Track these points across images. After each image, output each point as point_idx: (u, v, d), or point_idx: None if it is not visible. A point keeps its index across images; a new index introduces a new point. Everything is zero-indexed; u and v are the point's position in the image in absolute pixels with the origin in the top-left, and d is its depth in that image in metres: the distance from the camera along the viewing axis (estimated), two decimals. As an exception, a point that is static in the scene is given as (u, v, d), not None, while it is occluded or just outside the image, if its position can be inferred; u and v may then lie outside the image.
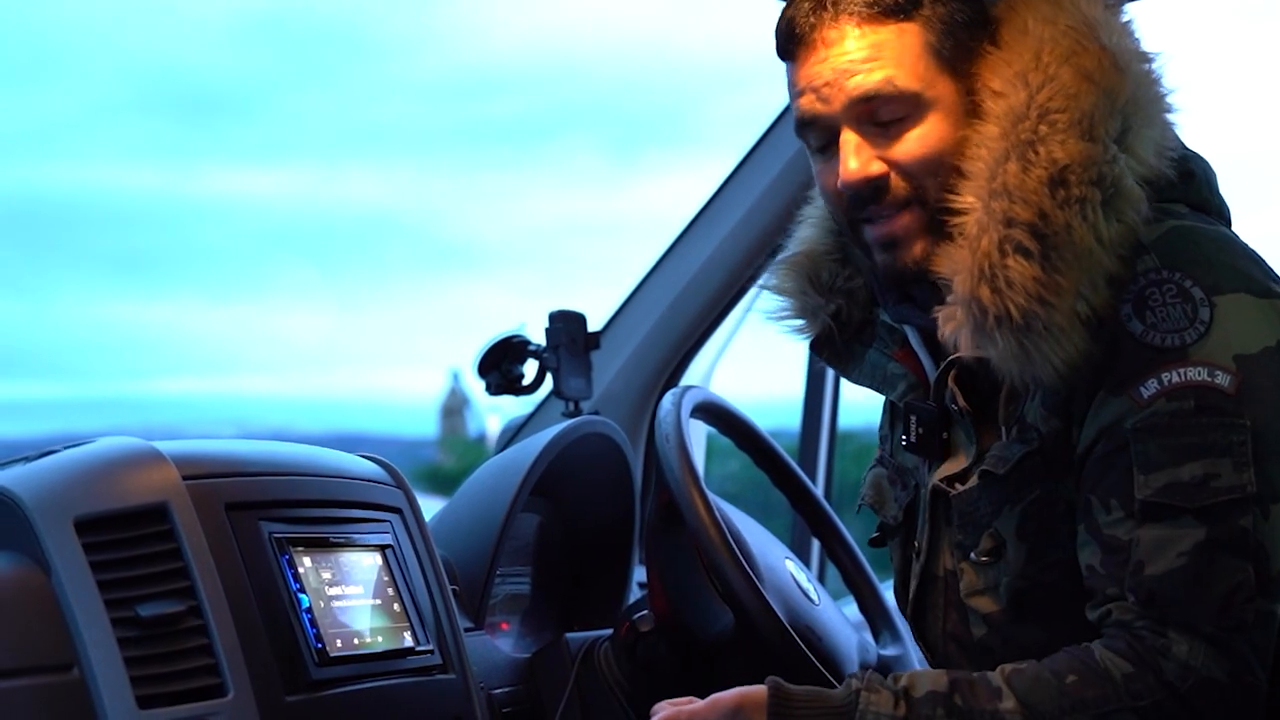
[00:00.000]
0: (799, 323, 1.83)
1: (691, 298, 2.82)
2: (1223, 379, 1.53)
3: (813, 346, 1.84)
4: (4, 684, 1.45)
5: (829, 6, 1.64)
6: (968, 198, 1.60)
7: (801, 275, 1.82)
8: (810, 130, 1.68)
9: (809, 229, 1.85)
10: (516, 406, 2.86)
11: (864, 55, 1.63)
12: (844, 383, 3.09)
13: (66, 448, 1.64)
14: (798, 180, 2.74)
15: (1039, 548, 1.63)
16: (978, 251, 1.57)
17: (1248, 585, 1.51)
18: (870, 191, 1.64)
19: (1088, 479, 1.58)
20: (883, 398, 1.85)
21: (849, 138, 1.64)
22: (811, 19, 1.65)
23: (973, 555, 1.67)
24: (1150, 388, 1.55)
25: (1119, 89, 1.59)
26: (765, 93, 1.73)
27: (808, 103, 1.66)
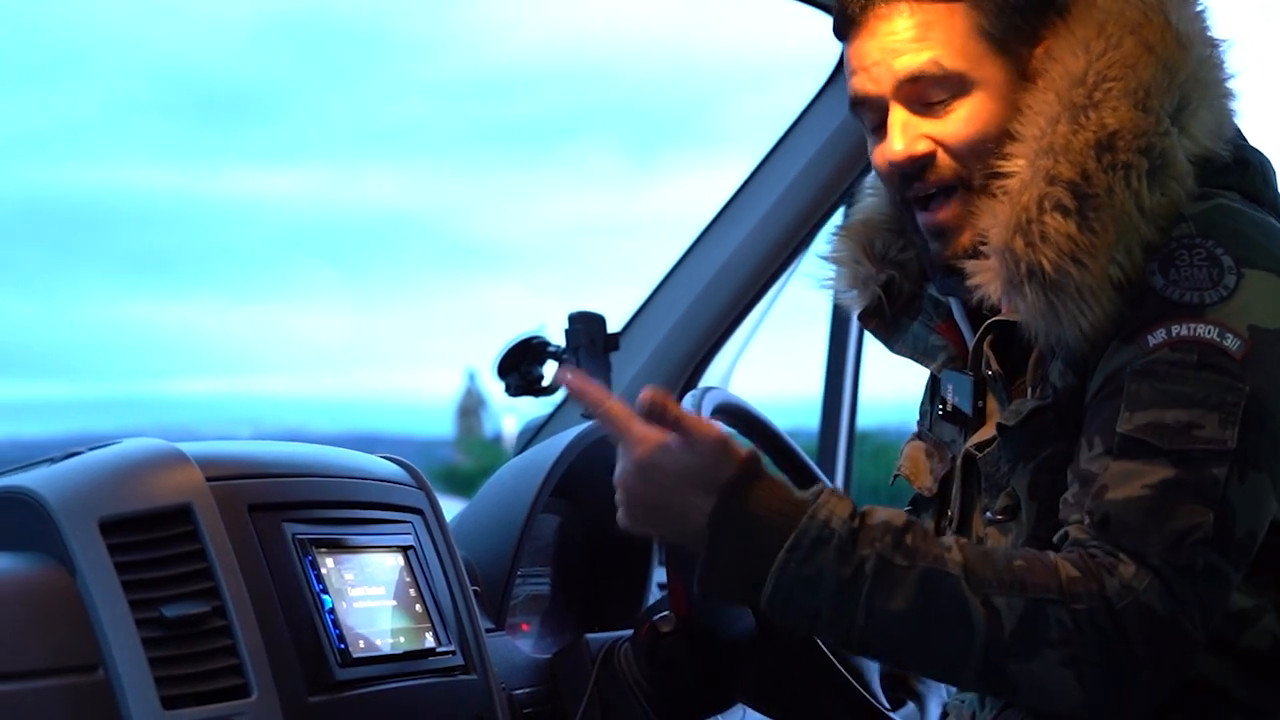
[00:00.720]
0: (851, 294, 1.85)
1: (710, 299, 2.82)
2: (1232, 342, 1.53)
3: (861, 317, 1.86)
4: (30, 684, 1.46)
5: None
6: (1018, 161, 1.61)
7: (857, 244, 1.84)
8: (862, 109, 1.70)
9: (871, 198, 1.87)
10: (532, 407, 2.86)
11: (912, 35, 1.64)
12: (861, 383, 3.10)
13: (91, 449, 1.64)
14: (818, 181, 2.74)
15: (1047, 508, 1.62)
16: (1017, 205, 1.58)
17: (1204, 531, 1.49)
18: (915, 170, 1.66)
19: (1085, 424, 1.59)
20: (922, 383, 1.86)
21: (896, 117, 1.66)
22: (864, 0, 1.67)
23: (989, 514, 1.68)
24: (1158, 336, 1.54)
25: (1179, 65, 1.60)
26: (785, 93, 1.74)
27: (859, 82, 1.68)
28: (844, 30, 1.70)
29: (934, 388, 1.85)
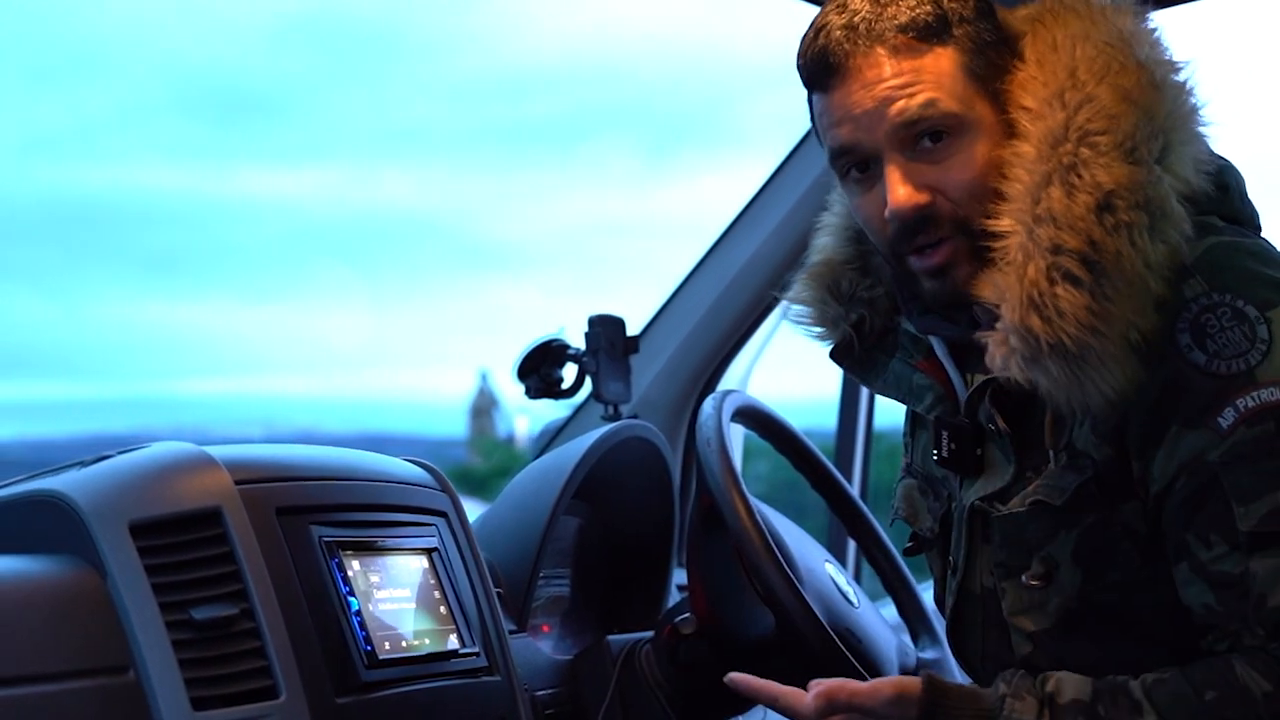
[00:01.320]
0: (820, 330, 1.82)
1: (729, 302, 2.83)
2: None
3: (833, 355, 1.82)
4: (62, 685, 1.47)
5: (863, 34, 1.61)
6: (1005, 221, 1.57)
7: (821, 285, 1.80)
8: (849, 159, 1.64)
9: (827, 237, 1.83)
10: (547, 408, 2.88)
11: (904, 81, 1.60)
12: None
13: (120, 452, 1.66)
14: (836, 185, 2.75)
15: (1096, 570, 1.62)
16: (1024, 279, 1.54)
17: None
18: (917, 221, 1.61)
19: (1176, 518, 1.56)
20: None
21: (894, 166, 1.61)
22: (846, 46, 1.61)
23: (1023, 578, 1.66)
24: (1228, 417, 1.53)
25: (1157, 107, 1.57)
26: (802, 94, 1.73)
27: (847, 132, 1.62)
28: (824, 81, 1.64)
29: (916, 420, 1.84)
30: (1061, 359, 1.53)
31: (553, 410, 2.93)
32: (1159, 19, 1.67)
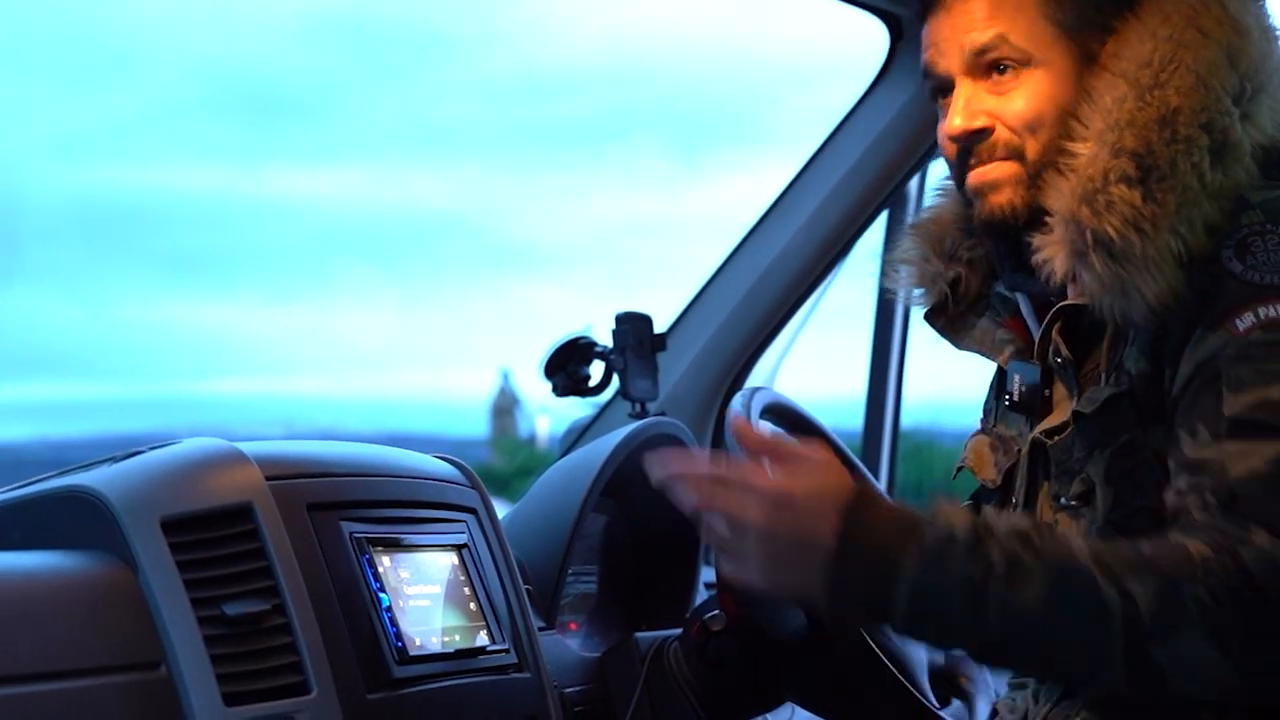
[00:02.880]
0: (917, 292, 1.87)
1: (757, 299, 2.82)
2: None
3: (927, 317, 1.87)
4: (94, 681, 1.48)
5: None
6: (1087, 144, 1.64)
7: (926, 241, 1.87)
8: (931, 83, 1.75)
9: (941, 197, 1.90)
10: (568, 407, 2.87)
11: (983, 14, 1.70)
12: (905, 383, 3.10)
13: (152, 449, 1.66)
14: (864, 182, 2.74)
15: (1124, 493, 1.63)
16: (1084, 177, 1.62)
17: None
18: (972, 144, 1.70)
19: (1180, 415, 1.58)
20: (974, 382, 1.89)
21: (960, 91, 1.71)
22: None
23: (1063, 500, 1.68)
24: (1246, 320, 1.55)
25: (1239, 51, 1.64)
26: (833, 94, 1.76)
27: (930, 56, 1.74)
28: (923, 10, 1.76)
29: (999, 384, 1.86)
30: (1105, 253, 1.59)
31: (576, 410, 2.93)
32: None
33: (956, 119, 1.70)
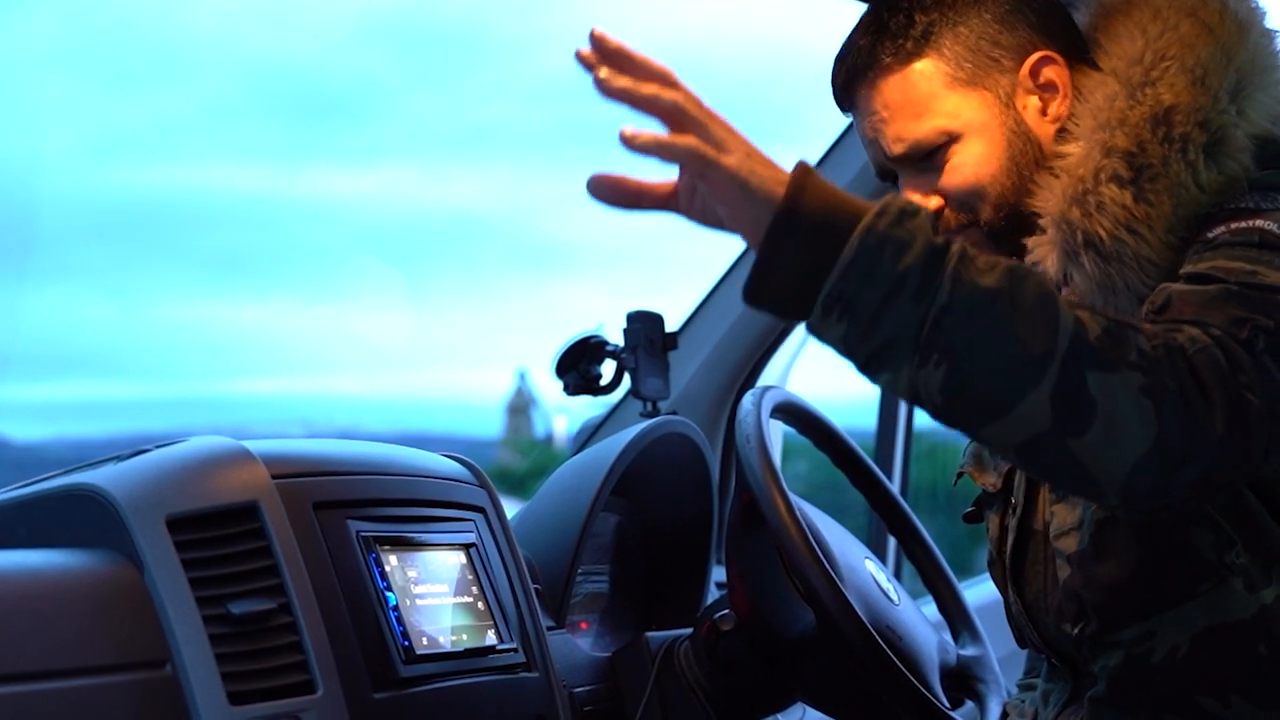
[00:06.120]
0: None
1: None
2: None
3: None
4: (99, 680, 1.47)
5: (853, 73, 1.72)
6: (1077, 143, 1.63)
7: None
8: (881, 173, 1.77)
9: None
10: (585, 407, 2.87)
11: (885, 115, 1.70)
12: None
13: (158, 447, 1.66)
14: (877, 179, 2.74)
15: None
16: (1075, 177, 1.61)
17: (1265, 327, 1.43)
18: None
19: None
20: None
21: (904, 178, 1.73)
22: (841, 82, 1.74)
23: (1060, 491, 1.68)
24: (1216, 230, 1.55)
25: (1236, 47, 1.63)
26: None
27: (869, 155, 1.75)
28: (842, 108, 1.77)
29: None
30: (1096, 254, 1.58)
31: (592, 408, 2.93)
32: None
33: None
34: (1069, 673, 1.76)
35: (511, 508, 2.17)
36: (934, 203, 1.69)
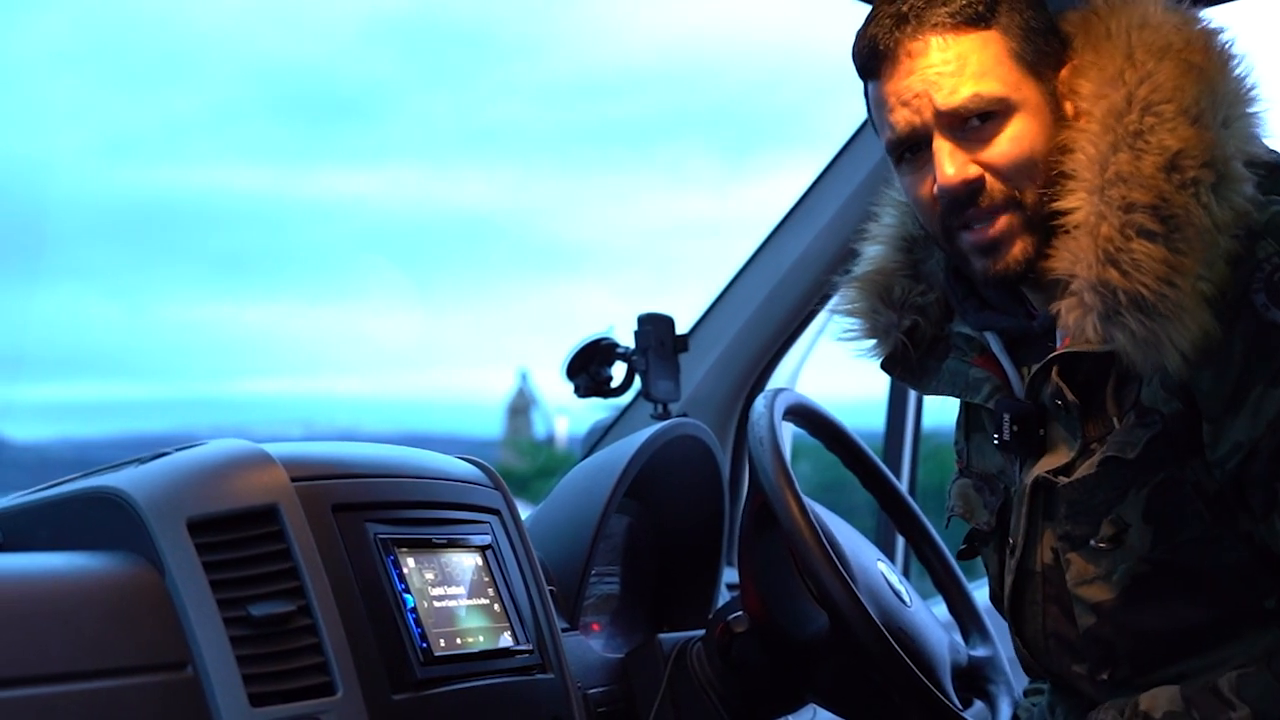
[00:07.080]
0: (870, 343, 1.85)
1: (778, 301, 2.82)
2: None
3: (884, 366, 1.85)
4: (121, 681, 1.48)
5: (911, 20, 1.67)
6: (1078, 195, 1.61)
7: (873, 293, 1.84)
8: (902, 142, 1.70)
9: (878, 246, 1.87)
10: (586, 408, 2.87)
11: (951, 67, 1.65)
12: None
13: (178, 450, 1.67)
14: (887, 181, 2.74)
15: (1167, 530, 1.63)
16: (1099, 238, 1.59)
17: None
18: (967, 195, 1.66)
19: (1264, 470, 1.58)
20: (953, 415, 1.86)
21: (942, 145, 1.66)
22: (896, 34, 1.67)
23: (1092, 542, 1.67)
24: (1256, 291, 1.56)
25: (1220, 79, 1.62)
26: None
27: (899, 116, 1.68)
28: (874, 68, 1.70)
29: (969, 423, 1.85)
30: (1140, 312, 1.57)
31: (596, 410, 2.93)
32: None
33: (949, 169, 1.65)
34: (1073, 693, 1.78)
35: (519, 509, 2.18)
36: (973, 170, 1.65)
